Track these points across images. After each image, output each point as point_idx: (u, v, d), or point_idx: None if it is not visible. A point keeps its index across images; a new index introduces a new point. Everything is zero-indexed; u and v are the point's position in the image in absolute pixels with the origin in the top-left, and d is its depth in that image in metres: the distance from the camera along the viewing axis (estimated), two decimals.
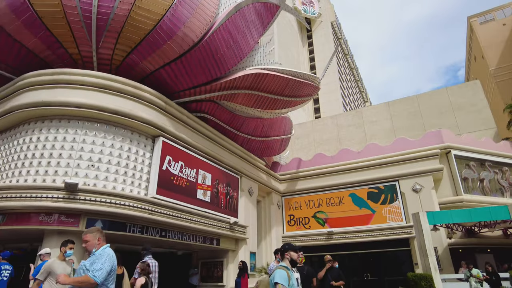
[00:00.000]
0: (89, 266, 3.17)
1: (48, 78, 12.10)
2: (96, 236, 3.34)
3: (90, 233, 3.37)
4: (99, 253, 3.25)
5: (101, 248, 3.31)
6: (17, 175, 11.24)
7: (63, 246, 5.34)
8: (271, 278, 3.65)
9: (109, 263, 3.15)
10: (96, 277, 3.02)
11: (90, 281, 3.00)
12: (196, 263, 17.90)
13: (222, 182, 16.82)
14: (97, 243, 3.32)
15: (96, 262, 3.13)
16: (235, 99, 16.45)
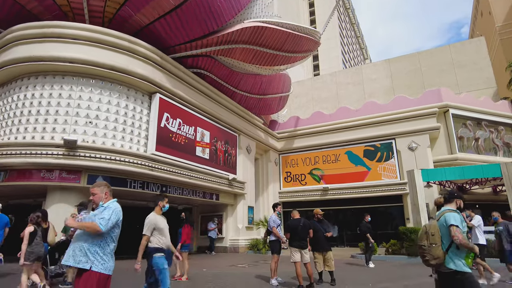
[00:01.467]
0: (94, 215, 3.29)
1: (38, 31, 11.59)
2: (104, 190, 3.37)
3: (98, 186, 3.39)
4: (106, 205, 3.30)
5: (108, 202, 3.35)
6: (15, 132, 11.19)
7: (160, 200, 5.38)
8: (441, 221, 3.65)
9: (115, 216, 3.21)
10: (102, 225, 3.07)
11: (96, 227, 3.05)
12: (197, 217, 18.56)
13: (221, 140, 16.91)
14: (104, 197, 3.36)
15: (104, 212, 3.20)
16: (232, 54, 15.98)
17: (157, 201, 5.40)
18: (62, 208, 10.84)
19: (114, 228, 3.22)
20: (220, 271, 10.26)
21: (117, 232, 3.30)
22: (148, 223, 5.08)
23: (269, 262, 8.67)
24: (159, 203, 5.36)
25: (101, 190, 3.37)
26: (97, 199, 3.35)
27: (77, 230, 3.25)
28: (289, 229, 7.72)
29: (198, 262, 13.15)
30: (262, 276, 9.02)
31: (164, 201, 5.41)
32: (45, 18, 12.68)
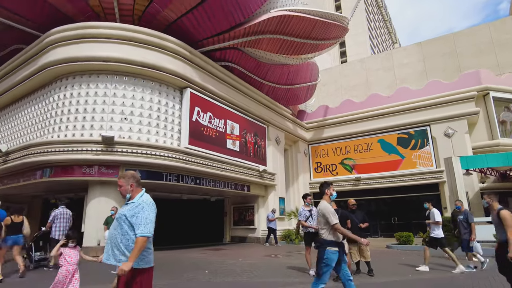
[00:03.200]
0: (130, 218, 3.01)
1: (74, 33, 12.05)
2: (129, 182, 3.13)
3: (123, 178, 3.16)
4: (138, 202, 3.07)
5: (137, 196, 3.12)
6: (57, 130, 11.78)
7: (327, 188, 5.12)
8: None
9: (153, 213, 3.06)
10: (146, 233, 2.93)
11: (145, 241, 2.91)
12: (229, 208, 18.87)
13: (250, 132, 16.97)
14: (130, 189, 3.13)
15: (139, 215, 2.98)
16: (259, 45, 15.88)
17: (324, 189, 5.08)
18: (102, 201, 11.39)
19: None
20: (256, 261, 10.38)
21: None
22: (330, 211, 4.76)
23: (303, 253, 8.72)
24: (326, 191, 5.05)
25: (127, 182, 3.17)
26: (123, 191, 3.18)
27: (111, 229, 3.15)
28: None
29: (233, 252, 13.38)
30: (298, 267, 9.05)
31: (330, 188, 5.08)
32: (79, 19, 13.13)
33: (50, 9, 13.21)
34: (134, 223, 2.97)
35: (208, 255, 12.20)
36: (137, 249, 2.88)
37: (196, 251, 13.43)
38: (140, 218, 2.97)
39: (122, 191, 3.17)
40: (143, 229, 2.92)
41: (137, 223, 2.96)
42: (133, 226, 2.98)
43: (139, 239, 2.90)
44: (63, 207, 9.41)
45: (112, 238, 3.08)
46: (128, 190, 3.14)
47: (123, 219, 3.04)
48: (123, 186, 3.16)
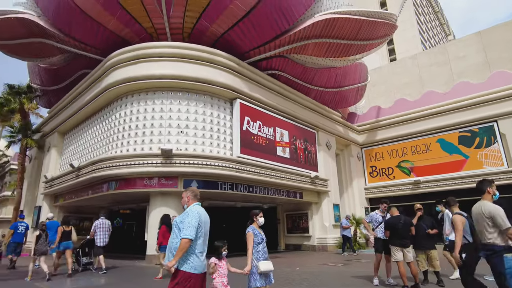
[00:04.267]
0: (179, 223, 3.42)
1: (131, 55, 13.00)
2: (187, 194, 3.62)
3: (184, 191, 3.71)
4: (187, 209, 3.51)
5: (190, 206, 3.55)
6: (120, 145, 12.71)
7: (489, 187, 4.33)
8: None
9: (195, 220, 3.36)
10: (187, 235, 3.25)
11: (186, 244, 3.24)
12: (282, 215, 18.81)
13: (299, 138, 16.85)
14: (186, 200, 3.59)
15: (184, 220, 3.37)
16: (305, 51, 15.81)
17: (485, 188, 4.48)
18: (163, 211, 11.90)
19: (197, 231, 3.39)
20: (314, 270, 10.17)
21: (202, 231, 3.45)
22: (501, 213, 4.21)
23: (362, 261, 8.32)
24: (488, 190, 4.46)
25: (185, 194, 3.67)
26: (183, 202, 3.66)
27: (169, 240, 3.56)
28: (388, 227, 7.27)
29: (289, 260, 13.25)
30: (360, 275, 8.69)
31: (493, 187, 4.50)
32: (135, 41, 14.14)
33: (110, 35, 14.42)
34: (181, 227, 3.37)
35: None
36: (179, 249, 3.25)
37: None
38: (185, 222, 3.36)
39: (182, 202, 3.67)
40: (185, 232, 3.29)
41: (182, 227, 3.36)
42: (181, 230, 3.38)
43: (181, 240, 3.28)
44: (103, 218, 10.60)
45: (169, 242, 3.51)
46: (185, 201, 3.63)
47: (175, 225, 3.48)
48: (183, 198, 3.67)
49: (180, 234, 3.35)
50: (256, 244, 4.52)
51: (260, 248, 4.53)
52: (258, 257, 4.46)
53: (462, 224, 4.87)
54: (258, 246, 4.52)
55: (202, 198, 14.32)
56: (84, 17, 13.76)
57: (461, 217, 4.98)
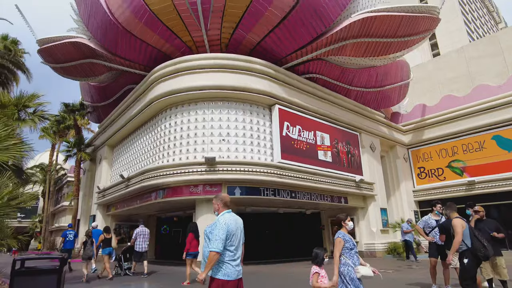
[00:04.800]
0: (209, 233, 3.50)
1: (172, 68, 13.56)
2: (217, 202, 3.60)
3: (215, 198, 3.66)
4: (215, 220, 3.52)
5: (220, 214, 3.55)
6: (166, 156, 13.23)
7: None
8: None
9: (223, 232, 3.36)
10: (214, 248, 3.27)
11: (214, 256, 3.27)
12: (326, 221, 18.41)
13: (341, 141, 16.46)
14: (217, 208, 3.60)
15: (213, 231, 3.41)
16: (343, 52, 15.49)
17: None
18: (209, 218, 12.20)
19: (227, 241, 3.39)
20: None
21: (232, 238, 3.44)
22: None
23: (414, 267, 7.85)
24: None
25: (216, 202, 3.67)
26: (214, 209, 3.68)
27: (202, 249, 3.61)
28: (444, 230, 6.81)
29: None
30: (416, 282, 8.22)
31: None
32: (176, 55, 14.73)
33: (152, 51, 15.18)
34: (210, 238, 3.44)
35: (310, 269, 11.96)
36: (209, 262, 3.30)
37: (298, 266, 13.35)
38: (213, 234, 3.40)
39: (214, 209, 3.69)
40: (212, 245, 3.33)
41: (211, 239, 3.40)
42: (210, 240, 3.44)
43: (210, 253, 3.32)
44: (142, 226, 11.33)
45: (203, 251, 3.58)
46: (216, 208, 3.64)
47: (206, 234, 3.58)
48: (214, 205, 3.69)
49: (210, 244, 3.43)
50: (349, 249, 4.43)
51: (353, 253, 4.44)
52: (354, 261, 4.38)
53: (462, 228, 4.88)
54: (351, 252, 4.43)
55: (245, 204, 14.54)
56: (128, 36, 14.64)
57: (462, 221, 4.97)
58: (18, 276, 5.20)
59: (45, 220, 32.54)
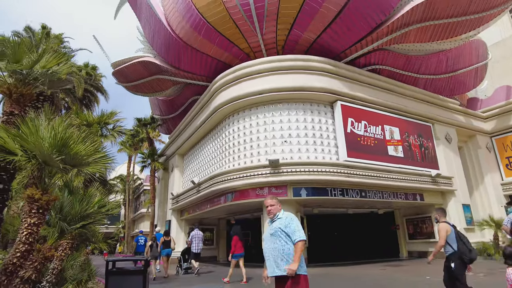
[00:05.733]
0: (284, 229, 3.45)
1: (232, 76, 13.98)
2: (279, 203, 3.70)
3: (273, 199, 3.69)
4: (285, 216, 3.57)
5: (281, 212, 3.62)
6: (231, 160, 13.66)
7: None
8: None
9: (299, 223, 3.54)
10: (302, 237, 3.39)
11: (303, 244, 3.36)
12: (401, 220, 17.28)
13: (413, 134, 15.34)
14: (279, 208, 3.66)
15: (291, 225, 3.46)
16: (406, 39, 14.51)
17: None
18: None
19: None
20: None
21: None
22: None
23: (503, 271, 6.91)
24: None
25: (277, 203, 3.69)
26: (275, 210, 3.64)
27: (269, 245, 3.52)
28: None
29: (415, 268, 12.03)
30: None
31: None
32: (235, 63, 15.16)
33: (212, 62, 15.85)
34: (289, 232, 3.43)
35: (388, 271, 11.34)
36: (299, 252, 3.33)
37: (373, 267, 12.70)
38: (293, 227, 3.45)
39: (274, 209, 3.66)
40: (299, 234, 3.40)
41: (292, 231, 3.43)
42: (289, 235, 3.43)
43: (298, 243, 3.36)
44: (197, 230, 12.53)
45: (272, 251, 3.47)
46: (278, 209, 3.68)
47: (279, 232, 3.48)
48: (275, 205, 3.67)
49: (289, 239, 3.43)
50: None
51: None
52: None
53: (447, 232, 5.01)
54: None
55: (312, 206, 14.32)
56: (189, 50, 15.51)
57: (447, 225, 5.10)
58: (111, 275, 5.75)
59: (127, 226, 35.82)
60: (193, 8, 14.00)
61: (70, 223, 6.44)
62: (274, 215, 3.63)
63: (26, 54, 5.76)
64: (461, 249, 4.86)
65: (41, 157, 4.61)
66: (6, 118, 5.60)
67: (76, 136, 5.04)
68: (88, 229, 7.24)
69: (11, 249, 4.68)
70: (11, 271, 4.44)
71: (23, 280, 4.73)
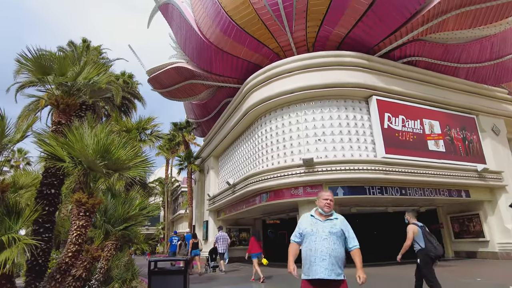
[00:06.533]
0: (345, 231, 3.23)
1: (262, 77, 14.02)
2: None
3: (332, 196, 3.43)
4: (341, 218, 3.32)
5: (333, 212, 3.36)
6: (265, 160, 13.69)
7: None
8: None
9: None
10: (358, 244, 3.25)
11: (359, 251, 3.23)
12: (445, 218, 16.39)
13: (454, 127, 14.50)
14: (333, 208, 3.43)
15: (349, 229, 3.28)
16: (444, 27, 13.73)
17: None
18: None
19: None
20: (502, 282, 8.34)
21: None
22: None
23: None
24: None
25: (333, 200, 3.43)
26: (332, 207, 3.38)
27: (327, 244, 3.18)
28: None
29: (463, 269, 11.35)
30: None
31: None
32: (265, 64, 15.19)
33: (243, 64, 15.99)
34: (348, 236, 3.22)
35: None
36: (361, 260, 3.16)
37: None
38: (350, 231, 3.24)
39: (332, 207, 3.36)
40: (356, 241, 3.24)
41: (351, 236, 3.22)
42: (347, 239, 3.22)
43: (358, 251, 3.21)
44: (222, 231, 13.98)
45: (332, 252, 3.11)
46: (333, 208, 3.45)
47: (340, 233, 3.19)
48: (332, 202, 3.39)
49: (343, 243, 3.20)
50: None
51: None
52: None
53: (414, 233, 5.69)
54: None
55: (349, 205, 13.98)
56: (220, 53, 15.75)
57: (414, 226, 5.75)
58: (154, 275, 5.97)
59: (166, 227, 37.06)
60: (222, 11, 14.21)
61: (114, 225, 6.79)
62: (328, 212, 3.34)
63: (70, 67, 6.13)
64: (428, 246, 5.53)
65: (86, 163, 4.88)
66: (54, 127, 5.99)
67: (117, 142, 5.28)
68: (131, 231, 7.58)
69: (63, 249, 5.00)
70: (65, 269, 4.74)
71: (75, 278, 5.04)
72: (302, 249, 3.28)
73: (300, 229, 3.37)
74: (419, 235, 5.66)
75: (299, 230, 3.40)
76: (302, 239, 3.33)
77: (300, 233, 3.35)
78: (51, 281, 4.65)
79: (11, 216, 4.60)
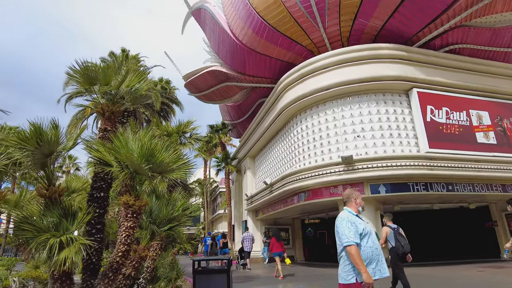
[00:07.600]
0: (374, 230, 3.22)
1: (296, 75, 13.91)
2: None
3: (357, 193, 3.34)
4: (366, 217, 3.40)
5: None
6: (302, 159, 13.57)
7: None
8: None
9: None
10: None
11: None
12: (499, 216, 15.24)
13: (506, 117, 13.46)
14: None
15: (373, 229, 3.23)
16: (492, 10, 12.82)
17: None
18: None
19: None
20: None
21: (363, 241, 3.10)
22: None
23: None
24: None
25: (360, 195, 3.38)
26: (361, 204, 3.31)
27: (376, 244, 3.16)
28: None
29: None
30: None
31: None
32: (299, 62, 15.06)
33: (276, 63, 15.97)
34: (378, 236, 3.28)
35: (487, 273, 10.09)
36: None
37: (468, 268, 11.42)
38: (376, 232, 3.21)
39: (361, 204, 3.30)
40: None
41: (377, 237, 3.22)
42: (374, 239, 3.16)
43: None
44: (247, 232, 15.38)
45: (375, 251, 3.08)
46: None
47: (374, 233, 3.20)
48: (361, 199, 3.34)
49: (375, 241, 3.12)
50: None
51: None
52: None
53: (386, 234, 6.59)
54: None
55: (392, 202, 13.46)
56: (253, 54, 15.85)
57: (387, 228, 6.64)
58: (198, 274, 6.13)
59: (206, 227, 37.93)
60: (254, 12, 14.29)
61: (159, 225, 7.06)
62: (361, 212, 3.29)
63: (113, 76, 6.48)
64: (396, 245, 6.43)
65: (132, 167, 5.13)
66: (101, 134, 6.35)
67: (160, 146, 5.50)
68: (175, 231, 7.85)
69: (114, 249, 5.30)
70: (116, 268, 5.02)
71: (125, 276, 5.31)
72: (363, 249, 3.07)
73: (358, 229, 3.12)
74: (390, 235, 6.57)
75: (357, 230, 3.11)
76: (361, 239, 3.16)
77: (361, 233, 3.13)
78: (105, 278, 4.94)
79: (67, 218, 4.95)
